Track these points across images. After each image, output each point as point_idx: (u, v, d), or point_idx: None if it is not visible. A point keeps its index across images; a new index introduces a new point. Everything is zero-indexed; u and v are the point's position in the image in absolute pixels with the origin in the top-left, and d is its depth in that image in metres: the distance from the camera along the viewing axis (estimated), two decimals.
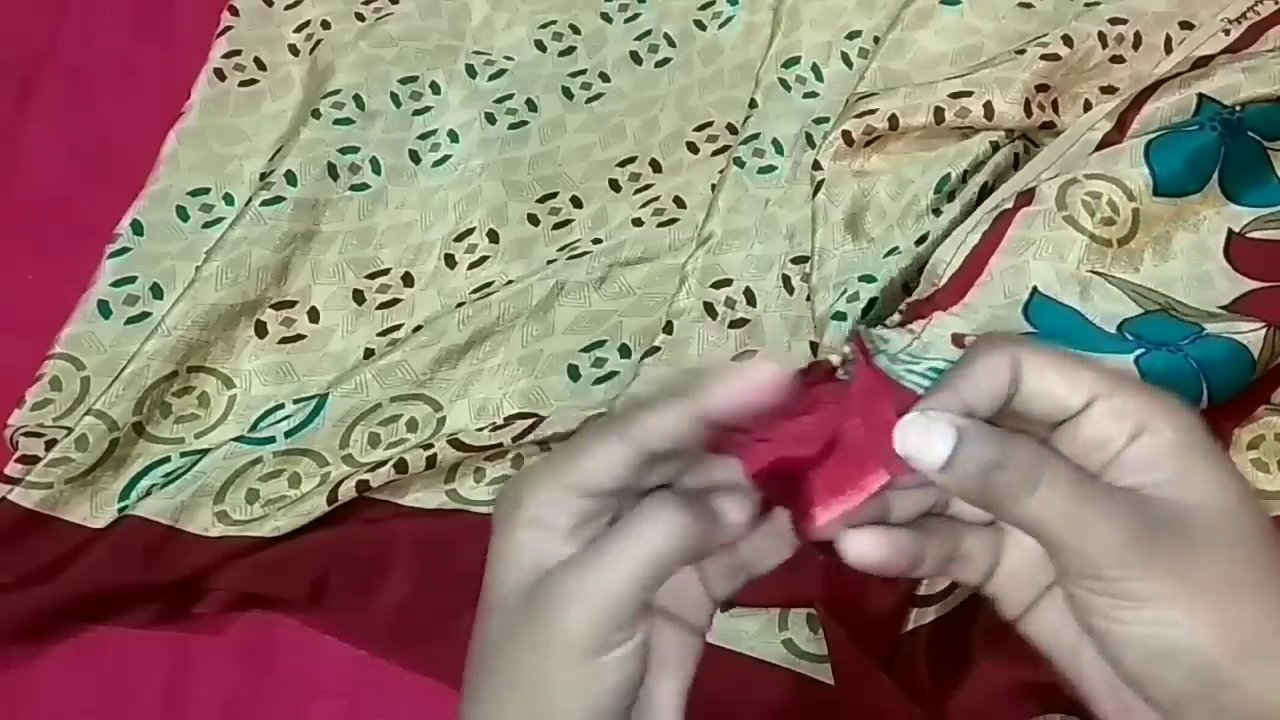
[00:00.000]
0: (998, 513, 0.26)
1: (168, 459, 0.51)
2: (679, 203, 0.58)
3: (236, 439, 0.51)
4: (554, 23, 0.66)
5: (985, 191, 0.54)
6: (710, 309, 0.53)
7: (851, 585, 0.44)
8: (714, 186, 0.58)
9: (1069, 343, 0.45)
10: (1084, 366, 0.26)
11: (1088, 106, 0.56)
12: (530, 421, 0.50)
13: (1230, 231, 0.49)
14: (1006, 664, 0.44)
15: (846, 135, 0.54)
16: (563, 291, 0.55)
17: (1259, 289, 0.47)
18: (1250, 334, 0.45)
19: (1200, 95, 0.51)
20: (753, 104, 0.60)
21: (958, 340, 0.46)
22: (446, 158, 0.61)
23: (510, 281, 0.56)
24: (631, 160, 0.60)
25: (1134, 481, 0.25)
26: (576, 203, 0.59)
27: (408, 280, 0.57)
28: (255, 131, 0.62)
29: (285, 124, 0.62)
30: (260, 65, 0.64)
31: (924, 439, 0.25)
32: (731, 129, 0.60)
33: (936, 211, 0.53)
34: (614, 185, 0.60)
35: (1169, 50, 0.56)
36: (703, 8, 0.65)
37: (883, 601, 0.44)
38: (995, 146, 0.54)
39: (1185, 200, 0.50)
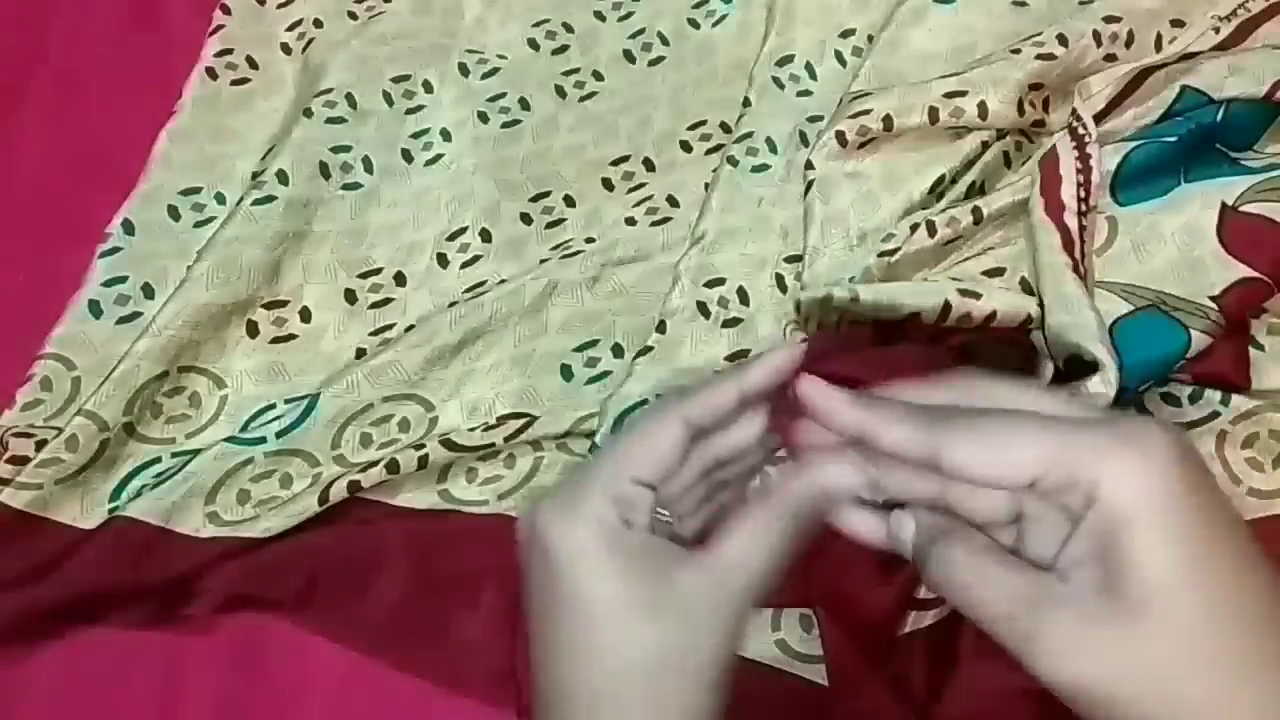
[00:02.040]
0: (951, 600, 0.27)
1: (158, 459, 0.51)
2: (672, 202, 0.58)
3: (228, 439, 0.50)
4: (547, 21, 0.65)
5: (972, 190, 0.54)
6: (703, 308, 0.53)
7: (849, 586, 0.44)
8: (707, 185, 0.58)
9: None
10: (1018, 441, 0.24)
11: None
12: (523, 421, 0.50)
13: (1224, 205, 0.48)
14: (1000, 668, 0.44)
15: (840, 135, 0.54)
16: (555, 291, 0.55)
17: (1244, 280, 0.47)
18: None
19: (1184, 87, 0.51)
20: (746, 102, 0.60)
21: None
22: (439, 157, 0.61)
23: (503, 281, 0.55)
24: (625, 159, 0.60)
25: (1093, 561, 0.24)
26: (569, 202, 0.59)
27: (400, 280, 0.57)
28: (247, 130, 0.62)
29: (277, 123, 0.62)
30: (252, 64, 0.64)
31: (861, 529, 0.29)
32: (725, 128, 0.60)
33: (926, 211, 0.53)
34: (607, 184, 0.59)
35: (1159, 48, 0.55)
36: (696, 6, 0.65)
37: (880, 603, 0.44)
38: (985, 146, 0.54)
39: (1164, 199, 0.50)
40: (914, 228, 0.50)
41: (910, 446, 0.26)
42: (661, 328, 0.52)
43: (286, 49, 0.65)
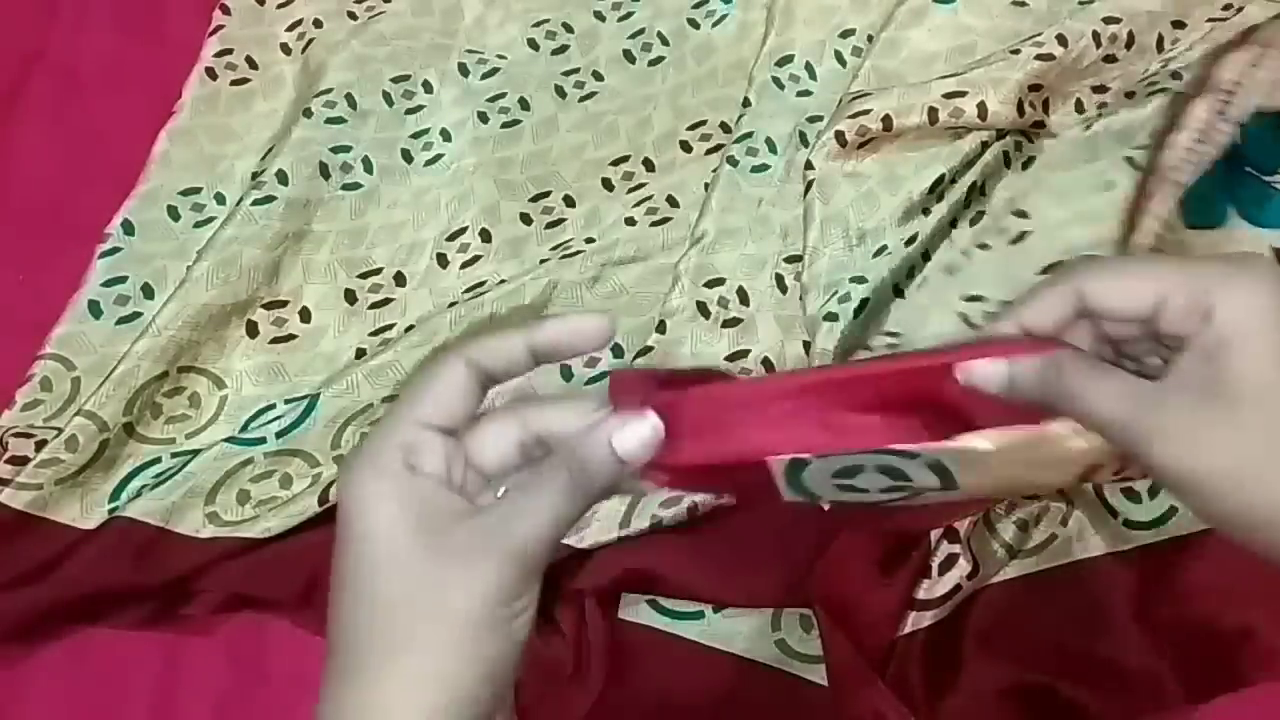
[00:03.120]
0: (1062, 413, 0.28)
1: (158, 459, 0.51)
2: (672, 202, 0.58)
3: (227, 439, 0.50)
4: (547, 21, 0.66)
5: (974, 190, 0.54)
6: (703, 308, 0.53)
7: (850, 586, 0.44)
8: (707, 185, 0.58)
9: None
10: (1146, 273, 0.28)
11: (1079, 106, 0.55)
12: None
13: (1275, 249, 0.49)
14: (998, 666, 0.44)
15: (840, 136, 0.54)
16: (555, 291, 0.55)
17: None
18: None
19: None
20: (746, 102, 0.60)
21: None
22: (439, 157, 0.61)
23: (503, 281, 0.55)
24: (624, 159, 0.60)
25: (1204, 368, 0.26)
26: (569, 202, 0.59)
27: (400, 280, 0.57)
28: (247, 131, 0.62)
29: (277, 123, 0.62)
30: (252, 64, 0.64)
31: (985, 378, 0.29)
32: (725, 128, 0.60)
33: (926, 211, 0.53)
34: (607, 184, 0.59)
35: (1161, 49, 0.55)
36: (696, 6, 0.65)
37: (881, 604, 0.44)
38: (985, 146, 0.54)
39: (1216, 231, 0.50)
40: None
41: (1059, 303, 0.29)
42: (661, 328, 0.52)
43: (286, 49, 0.65)
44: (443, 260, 0.57)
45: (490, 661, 0.27)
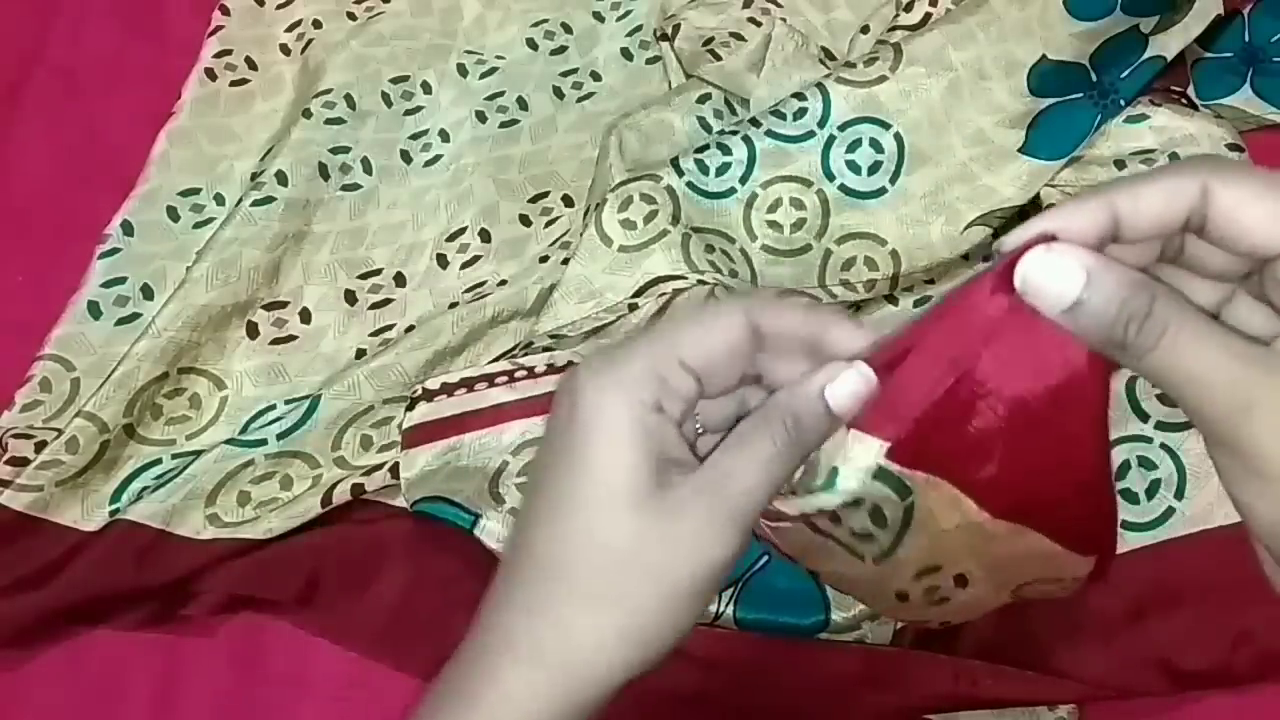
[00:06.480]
0: (1120, 361, 0.23)
1: (159, 461, 0.51)
2: None
3: (228, 441, 0.50)
4: (546, 21, 0.66)
5: None
6: None
7: None
8: None
9: None
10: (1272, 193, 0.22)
11: None
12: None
13: None
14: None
15: None
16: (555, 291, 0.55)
17: None
18: None
19: None
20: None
21: None
22: (438, 157, 0.61)
23: (503, 281, 0.55)
24: None
25: None
26: (568, 201, 0.59)
27: (400, 280, 0.57)
28: (246, 131, 0.62)
29: (276, 124, 0.62)
30: (251, 65, 0.64)
31: (1046, 278, 0.23)
32: None
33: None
34: None
35: None
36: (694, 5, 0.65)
37: None
38: None
39: None
40: None
41: (1170, 209, 0.23)
42: None
43: (285, 50, 0.65)
44: (442, 261, 0.57)
45: (688, 628, 0.25)
